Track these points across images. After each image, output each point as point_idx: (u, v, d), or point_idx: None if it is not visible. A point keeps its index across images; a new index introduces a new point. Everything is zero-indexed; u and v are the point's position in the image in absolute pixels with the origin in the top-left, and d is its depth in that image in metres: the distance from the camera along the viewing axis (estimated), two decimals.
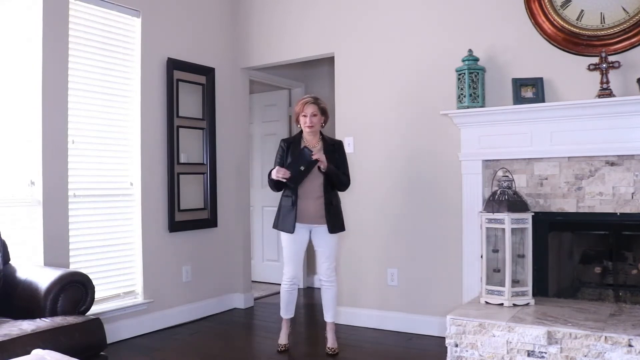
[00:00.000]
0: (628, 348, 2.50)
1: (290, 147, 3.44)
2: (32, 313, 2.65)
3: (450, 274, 3.71)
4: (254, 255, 5.58)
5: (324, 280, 3.50)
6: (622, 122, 3.07)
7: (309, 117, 3.38)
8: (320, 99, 3.49)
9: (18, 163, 3.31)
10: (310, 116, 3.38)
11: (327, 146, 3.45)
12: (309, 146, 3.39)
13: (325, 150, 3.42)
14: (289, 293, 3.55)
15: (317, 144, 3.45)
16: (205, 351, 3.55)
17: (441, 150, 3.77)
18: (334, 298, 3.52)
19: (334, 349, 3.44)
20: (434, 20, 3.82)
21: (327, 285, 3.50)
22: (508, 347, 2.78)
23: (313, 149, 3.38)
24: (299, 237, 3.43)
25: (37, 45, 3.35)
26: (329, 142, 3.49)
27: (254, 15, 4.71)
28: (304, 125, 3.41)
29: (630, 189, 3.14)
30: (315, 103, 3.42)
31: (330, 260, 3.46)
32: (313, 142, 3.45)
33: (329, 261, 3.46)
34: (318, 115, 3.41)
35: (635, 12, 3.13)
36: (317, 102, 3.43)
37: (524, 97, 3.36)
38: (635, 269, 3.33)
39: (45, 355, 1.65)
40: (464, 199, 3.59)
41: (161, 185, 4.11)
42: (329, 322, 3.52)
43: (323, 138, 3.50)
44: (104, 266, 3.74)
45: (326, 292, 3.52)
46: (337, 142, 3.55)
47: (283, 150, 3.47)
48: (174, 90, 4.19)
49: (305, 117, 3.39)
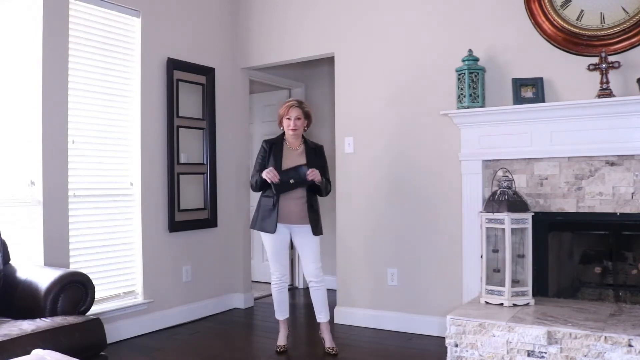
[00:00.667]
0: (628, 348, 2.50)
1: (272, 148, 3.47)
2: (32, 313, 2.65)
3: (450, 274, 3.71)
4: (254, 255, 5.58)
5: (313, 281, 3.50)
6: (622, 122, 3.07)
7: (292, 120, 3.43)
8: (304, 103, 3.55)
9: (18, 163, 3.31)
10: (294, 119, 3.43)
11: (309, 150, 3.49)
12: (292, 148, 3.47)
13: (307, 153, 3.46)
14: (279, 292, 3.57)
15: (300, 146, 3.50)
16: (205, 351, 3.55)
17: (441, 150, 3.77)
18: (325, 298, 3.53)
19: (334, 348, 3.44)
20: (434, 20, 3.82)
21: (317, 286, 3.50)
22: (508, 347, 2.78)
23: (295, 151, 3.45)
24: (281, 237, 3.47)
25: (37, 45, 3.35)
26: (311, 145, 3.53)
27: (254, 15, 4.71)
28: (288, 128, 3.45)
29: (630, 189, 3.14)
30: (299, 107, 3.47)
31: (317, 261, 3.47)
32: (295, 144, 3.50)
33: (316, 262, 3.47)
34: (302, 119, 3.46)
35: (635, 12, 3.13)
36: (301, 106, 3.49)
37: (524, 97, 3.36)
38: (635, 269, 3.33)
39: (45, 355, 1.65)
40: (464, 199, 3.59)
41: (161, 185, 4.11)
42: (324, 322, 3.52)
43: (305, 141, 3.53)
44: (104, 266, 3.74)
45: (316, 293, 3.51)
46: (318, 146, 3.58)
47: (265, 150, 3.49)
48: (174, 90, 4.19)
49: (289, 120, 3.44)
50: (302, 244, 3.49)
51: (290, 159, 3.45)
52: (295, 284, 5.67)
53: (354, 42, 4.16)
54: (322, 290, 3.51)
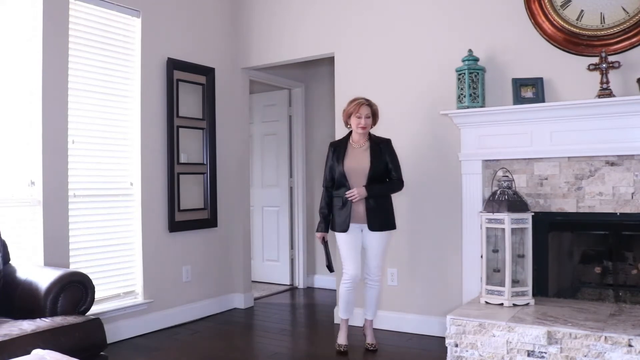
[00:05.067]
0: (628, 348, 2.50)
1: (335, 151, 3.50)
2: (32, 313, 2.65)
3: (450, 274, 3.71)
4: (254, 255, 5.58)
5: (368, 278, 3.49)
6: (622, 122, 3.07)
7: (363, 119, 3.41)
8: (372, 101, 3.51)
9: (18, 163, 3.31)
10: (364, 117, 3.41)
11: (373, 146, 3.46)
12: (356, 146, 3.47)
13: (372, 149, 3.44)
14: (348, 292, 3.49)
15: (364, 143, 3.48)
16: (205, 351, 3.55)
17: (441, 150, 3.77)
18: (377, 297, 3.53)
19: (374, 345, 3.49)
20: (434, 20, 3.82)
21: (372, 284, 3.50)
22: (508, 347, 2.78)
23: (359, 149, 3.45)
24: (353, 236, 3.44)
25: (37, 45, 3.35)
26: (376, 141, 3.50)
27: (254, 15, 4.71)
28: (357, 126, 3.43)
29: (630, 189, 3.14)
30: (369, 105, 3.46)
31: (376, 259, 3.45)
32: (361, 142, 3.48)
33: (376, 259, 3.45)
34: (370, 117, 3.46)
35: (635, 12, 3.13)
36: (370, 104, 3.47)
37: (524, 97, 3.36)
38: (635, 269, 3.33)
39: (45, 355, 1.65)
40: (464, 199, 3.59)
41: (161, 185, 4.11)
42: (370, 319, 3.54)
43: (370, 137, 3.51)
44: (104, 266, 3.74)
45: (370, 290, 3.52)
46: (383, 140, 3.52)
47: (331, 153, 3.53)
48: (174, 90, 4.19)
49: (359, 118, 3.41)
50: (366, 241, 3.47)
51: (354, 156, 3.45)
52: (295, 284, 5.67)
53: (354, 42, 4.16)
54: (375, 289, 3.51)
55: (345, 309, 3.52)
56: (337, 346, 3.49)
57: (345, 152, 3.47)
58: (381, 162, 3.41)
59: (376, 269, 3.47)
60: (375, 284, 3.50)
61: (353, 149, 3.48)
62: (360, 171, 3.39)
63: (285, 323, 4.34)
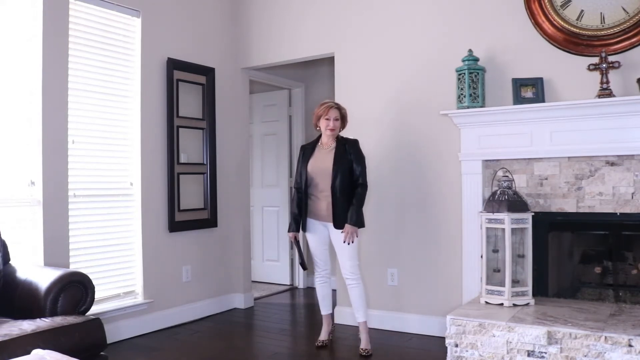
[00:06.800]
0: (628, 348, 2.50)
1: (305, 153, 3.60)
2: (32, 313, 2.65)
3: (450, 274, 3.71)
4: (254, 255, 5.58)
5: (349, 279, 3.48)
6: (622, 122, 3.07)
7: (332, 121, 3.48)
8: (340, 105, 3.60)
9: (18, 163, 3.31)
10: (333, 120, 3.48)
11: (338, 147, 3.50)
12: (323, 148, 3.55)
13: (337, 150, 3.48)
14: (322, 287, 3.65)
15: (331, 144, 3.53)
16: (205, 351, 3.55)
17: (441, 150, 3.77)
18: (362, 296, 3.48)
19: (367, 350, 3.41)
20: (434, 20, 3.82)
21: (352, 284, 3.47)
22: (508, 347, 2.78)
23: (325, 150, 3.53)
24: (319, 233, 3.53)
25: (37, 45, 3.35)
26: (342, 142, 3.53)
27: (254, 15, 4.71)
28: (326, 128, 3.50)
29: (630, 189, 3.14)
30: (337, 108, 3.53)
31: (352, 258, 3.44)
32: (328, 143, 3.54)
33: (351, 259, 3.44)
34: (339, 120, 3.52)
35: (635, 12, 3.13)
36: (339, 107, 3.55)
37: (524, 97, 3.36)
38: (635, 269, 3.33)
39: (45, 355, 1.65)
40: (464, 199, 3.59)
41: (161, 185, 4.11)
42: (361, 321, 3.49)
43: (337, 139, 3.55)
44: (104, 266, 3.74)
45: (352, 290, 3.48)
46: (350, 141, 3.54)
47: (300, 156, 3.63)
48: (174, 90, 4.19)
49: (328, 120, 3.48)
50: (333, 240, 3.50)
51: (319, 157, 3.51)
52: (295, 284, 5.67)
53: (354, 42, 4.16)
54: (357, 288, 3.47)
55: (321, 304, 3.66)
56: (317, 341, 3.58)
57: (311, 154, 3.55)
58: (345, 163, 3.44)
59: (352, 268, 3.45)
60: (355, 283, 3.47)
61: (319, 151, 3.55)
62: (323, 171, 3.44)
63: (285, 323, 4.34)
